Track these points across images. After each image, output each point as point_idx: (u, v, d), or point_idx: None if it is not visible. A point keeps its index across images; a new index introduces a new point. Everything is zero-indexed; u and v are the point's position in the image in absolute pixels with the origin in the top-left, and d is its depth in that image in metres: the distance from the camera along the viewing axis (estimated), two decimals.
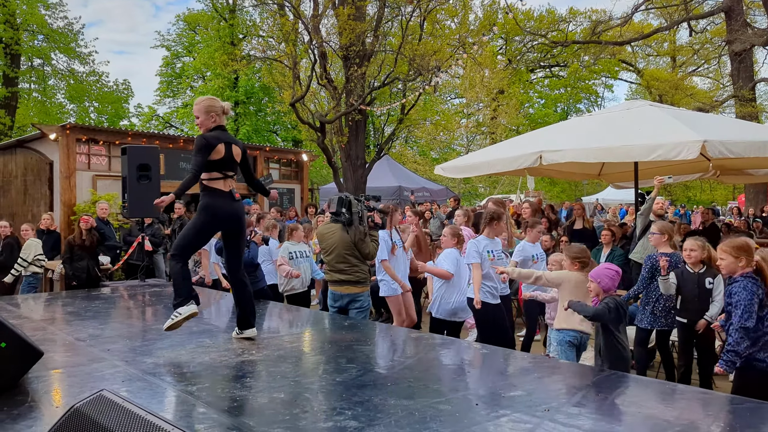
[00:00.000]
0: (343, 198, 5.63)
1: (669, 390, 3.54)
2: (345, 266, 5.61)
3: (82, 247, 8.02)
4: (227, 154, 4.25)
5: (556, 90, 36.59)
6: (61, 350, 4.22)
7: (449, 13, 17.11)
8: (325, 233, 5.78)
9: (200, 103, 4.32)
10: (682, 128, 7.22)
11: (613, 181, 12.10)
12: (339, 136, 15.93)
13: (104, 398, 2.03)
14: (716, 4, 21.46)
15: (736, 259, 4.01)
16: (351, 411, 2.94)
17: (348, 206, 5.58)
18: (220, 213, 4.28)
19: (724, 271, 4.15)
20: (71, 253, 8.06)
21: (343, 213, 5.57)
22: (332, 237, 5.66)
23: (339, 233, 5.62)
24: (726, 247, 4.09)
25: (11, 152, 12.30)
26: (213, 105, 4.33)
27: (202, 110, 4.29)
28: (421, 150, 33.06)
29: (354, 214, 5.55)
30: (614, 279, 4.30)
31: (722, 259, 4.10)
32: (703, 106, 22.99)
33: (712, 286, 5.18)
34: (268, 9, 17.32)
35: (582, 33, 27.47)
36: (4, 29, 23.24)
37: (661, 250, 5.73)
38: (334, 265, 5.66)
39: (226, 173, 4.29)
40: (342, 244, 5.59)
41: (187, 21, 32.07)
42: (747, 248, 4.06)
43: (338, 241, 5.60)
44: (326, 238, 5.74)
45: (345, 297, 5.68)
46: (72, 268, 8.05)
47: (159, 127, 32.22)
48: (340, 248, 5.60)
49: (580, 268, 4.81)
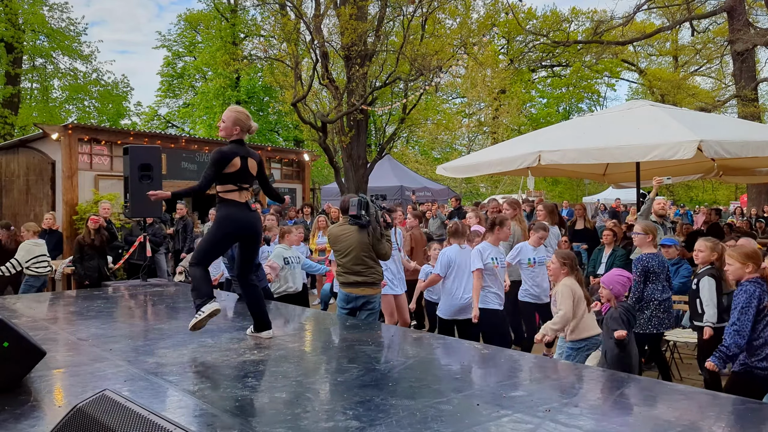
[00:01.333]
0: (361, 199, 5.54)
1: (670, 390, 3.54)
2: (362, 268, 5.52)
3: (92, 246, 8.08)
4: (242, 166, 4.31)
5: (558, 89, 36.55)
6: (63, 350, 4.23)
7: (451, 14, 17.10)
8: (340, 235, 5.64)
9: (232, 112, 4.37)
10: (680, 128, 7.23)
11: (616, 182, 12.11)
12: (341, 136, 15.92)
13: (107, 398, 2.04)
14: (718, 3, 21.43)
15: (743, 266, 4.02)
16: (352, 411, 2.94)
17: (366, 207, 5.51)
18: (237, 224, 4.37)
19: (731, 277, 4.15)
20: (81, 253, 8.10)
21: (363, 215, 5.49)
22: (349, 238, 5.55)
23: (356, 235, 5.52)
24: (734, 253, 4.09)
25: (14, 152, 12.33)
26: (243, 120, 4.37)
27: (231, 119, 4.33)
28: (423, 150, 33.08)
29: (371, 215, 5.51)
30: (625, 285, 4.31)
31: (729, 265, 4.10)
32: (705, 106, 22.97)
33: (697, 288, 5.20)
34: (269, 8, 17.33)
35: (584, 33, 27.44)
36: (6, 28, 23.28)
37: (644, 250, 5.64)
38: (350, 267, 5.54)
39: (241, 185, 4.36)
40: (360, 245, 5.50)
41: (189, 21, 32.09)
42: (755, 255, 4.07)
43: (356, 242, 5.50)
44: (341, 239, 5.61)
45: (360, 299, 5.60)
46: (83, 268, 8.11)
47: (160, 127, 32.24)
48: (358, 250, 5.50)
49: (568, 272, 4.82)
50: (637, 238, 5.78)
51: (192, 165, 13.01)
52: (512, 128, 29.65)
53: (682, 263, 7.17)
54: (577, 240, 10.16)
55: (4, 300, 6.77)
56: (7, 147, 12.71)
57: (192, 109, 31.14)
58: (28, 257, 8.02)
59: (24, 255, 8.02)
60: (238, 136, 4.37)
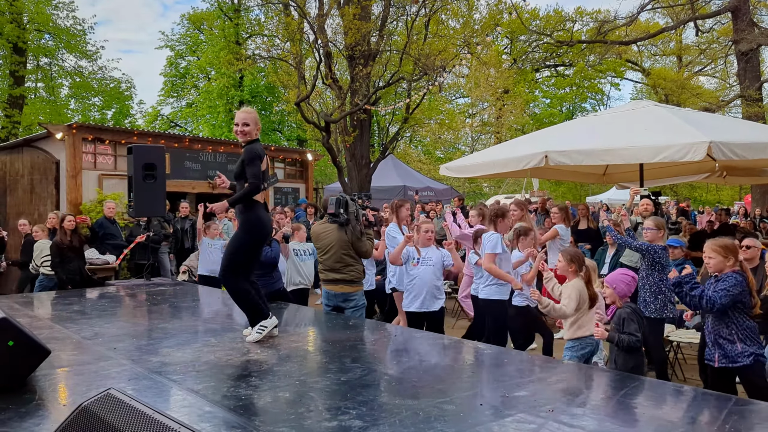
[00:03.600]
0: (340, 198, 5.69)
1: (674, 391, 3.54)
2: (340, 265, 5.64)
3: (71, 248, 7.78)
4: (266, 165, 4.43)
5: (561, 89, 36.49)
6: (67, 349, 4.25)
7: (454, 14, 17.08)
8: (321, 233, 5.79)
9: (252, 113, 4.47)
10: (688, 129, 7.20)
11: (617, 181, 12.06)
12: (344, 135, 15.92)
13: (112, 397, 2.05)
14: (723, 3, 21.37)
15: (725, 258, 4.11)
16: (355, 410, 2.95)
17: (345, 206, 5.63)
18: (267, 227, 4.45)
19: (712, 269, 4.21)
20: (61, 256, 7.74)
21: (341, 213, 5.61)
22: (328, 236, 5.69)
23: (336, 233, 5.65)
24: (715, 246, 4.16)
25: (18, 151, 12.35)
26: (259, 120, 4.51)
27: (254, 120, 4.43)
28: (426, 149, 33.05)
29: (350, 214, 5.62)
30: (630, 285, 4.28)
31: (710, 258, 4.17)
32: (710, 106, 22.91)
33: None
34: (272, 8, 17.33)
35: (588, 33, 27.40)
36: (12, 28, 23.33)
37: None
38: (330, 264, 5.69)
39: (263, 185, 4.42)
40: (339, 243, 5.62)
41: (192, 20, 32.09)
42: (734, 248, 4.18)
43: (335, 240, 5.63)
44: (322, 237, 5.76)
45: (339, 296, 5.73)
46: (64, 272, 7.74)
47: (163, 126, 32.27)
48: (336, 247, 5.63)
49: (576, 270, 4.80)
50: (650, 233, 5.88)
51: (196, 164, 13.00)
52: (516, 128, 29.61)
53: (687, 263, 7.15)
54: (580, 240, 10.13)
55: (10, 299, 6.80)
56: (12, 146, 12.74)
57: (195, 108, 31.16)
58: (41, 256, 8.15)
59: (37, 254, 8.18)
60: (257, 135, 4.47)
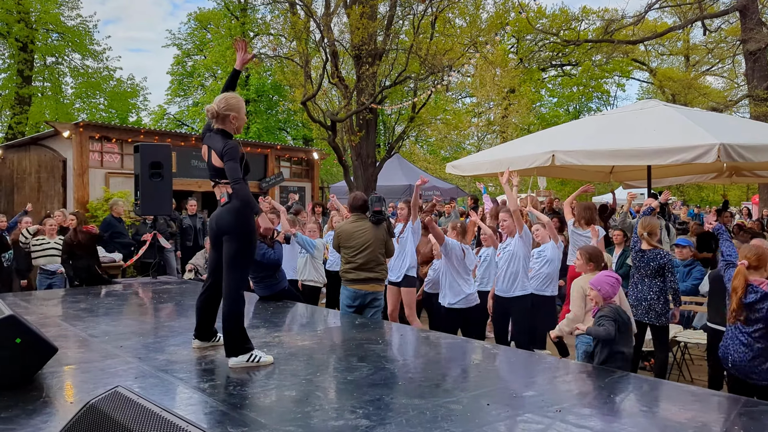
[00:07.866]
0: (381, 197, 5.61)
1: (681, 391, 3.52)
2: (374, 264, 5.54)
3: (80, 246, 7.73)
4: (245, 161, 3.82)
5: (568, 89, 36.37)
6: (74, 346, 4.26)
7: (461, 13, 17.05)
8: (354, 231, 5.59)
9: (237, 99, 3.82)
10: (698, 130, 7.13)
11: (623, 180, 12.00)
12: (350, 134, 15.92)
13: (119, 395, 2.05)
14: (731, 2, 21.25)
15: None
16: (362, 410, 2.94)
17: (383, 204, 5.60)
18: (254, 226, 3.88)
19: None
20: (70, 253, 7.76)
21: (384, 211, 5.58)
22: (364, 235, 5.54)
23: (373, 231, 5.53)
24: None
25: (25, 150, 12.42)
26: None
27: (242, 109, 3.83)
28: (432, 149, 33.00)
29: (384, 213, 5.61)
30: (614, 286, 4.21)
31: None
32: (717, 106, 22.78)
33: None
34: (279, 7, 17.34)
35: (594, 32, 27.29)
36: (21, 28, 23.44)
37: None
38: (361, 263, 5.53)
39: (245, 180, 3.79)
40: (377, 242, 5.52)
41: (199, 20, 32.18)
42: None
43: (372, 238, 5.52)
44: (356, 236, 5.56)
45: (368, 295, 5.59)
46: (72, 269, 7.75)
47: (170, 125, 32.35)
48: (374, 246, 5.52)
49: (594, 268, 4.77)
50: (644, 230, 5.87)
51: (202, 163, 12.94)
52: (522, 128, 29.51)
53: (695, 264, 7.11)
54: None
55: (17, 297, 6.83)
56: (19, 145, 12.80)
57: (202, 107, 31.24)
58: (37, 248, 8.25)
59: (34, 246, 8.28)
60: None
